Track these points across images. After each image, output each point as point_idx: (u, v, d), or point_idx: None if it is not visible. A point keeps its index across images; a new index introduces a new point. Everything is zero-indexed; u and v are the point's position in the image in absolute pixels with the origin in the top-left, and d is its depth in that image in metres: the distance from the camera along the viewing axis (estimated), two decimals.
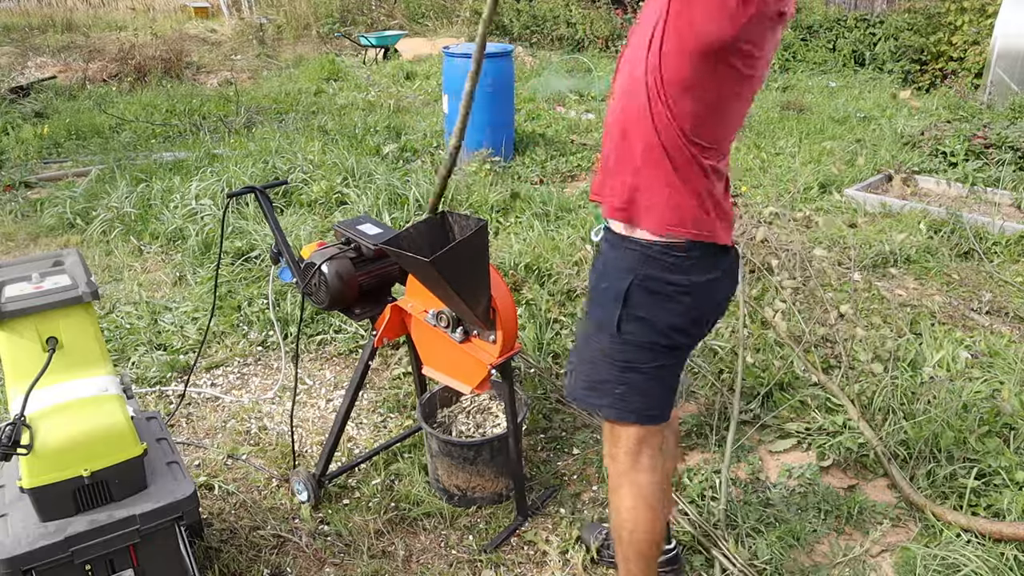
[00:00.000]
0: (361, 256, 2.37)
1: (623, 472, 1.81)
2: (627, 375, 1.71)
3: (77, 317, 1.88)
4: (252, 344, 3.59)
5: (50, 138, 6.92)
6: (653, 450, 1.81)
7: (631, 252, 1.65)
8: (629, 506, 1.81)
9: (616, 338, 1.68)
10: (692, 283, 1.64)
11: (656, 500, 1.83)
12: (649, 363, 1.70)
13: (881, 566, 2.29)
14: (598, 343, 1.73)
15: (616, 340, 1.68)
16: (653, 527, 1.85)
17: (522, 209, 4.99)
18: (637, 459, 1.79)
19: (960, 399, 2.79)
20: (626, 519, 1.82)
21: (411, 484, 2.63)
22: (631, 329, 1.66)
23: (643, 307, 1.64)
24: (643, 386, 1.72)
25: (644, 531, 1.83)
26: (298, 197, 5.15)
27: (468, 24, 12.75)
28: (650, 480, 1.81)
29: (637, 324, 1.66)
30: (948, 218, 4.73)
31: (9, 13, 14.31)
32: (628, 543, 1.85)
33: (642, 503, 1.80)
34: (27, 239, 4.92)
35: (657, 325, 1.66)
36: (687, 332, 1.72)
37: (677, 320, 1.66)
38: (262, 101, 8.39)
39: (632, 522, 1.82)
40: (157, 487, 1.91)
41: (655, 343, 1.67)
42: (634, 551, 1.86)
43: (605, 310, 1.68)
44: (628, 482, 1.80)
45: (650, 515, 1.82)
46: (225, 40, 12.98)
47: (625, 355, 1.69)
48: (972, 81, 8.47)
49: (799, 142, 6.64)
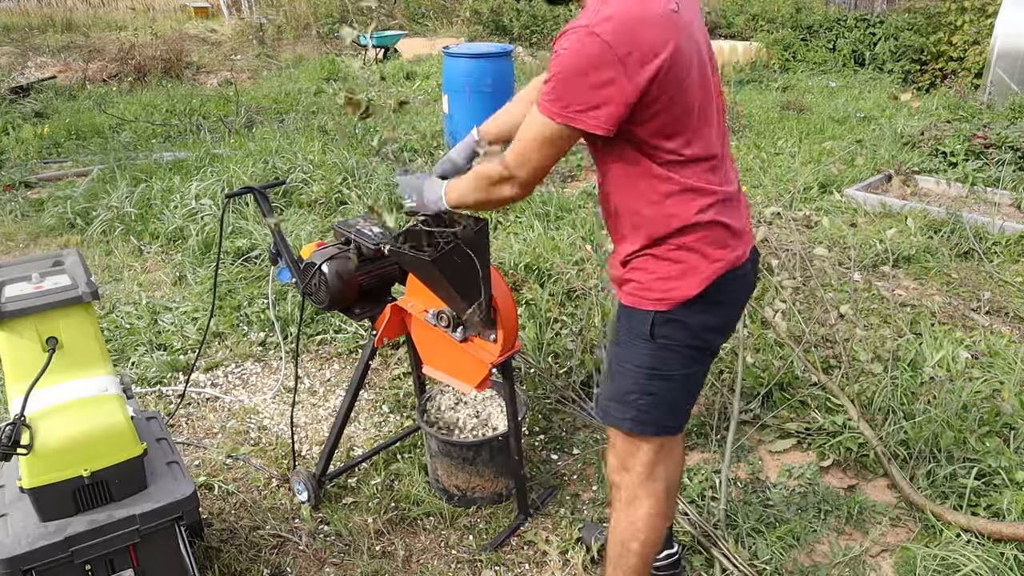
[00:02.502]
0: (361, 256, 2.36)
1: (640, 484, 1.80)
2: (653, 383, 1.70)
3: (77, 317, 1.88)
4: (252, 344, 3.58)
5: (50, 138, 6.92)
6: (667, 459, 1.83)
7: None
8: (645, 516, 1.81)
9: (649, 343, 1.68)
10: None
11: (670, 507, 1.84)
12: (679, 369, 1.70)
13: (881, 566, 2.29)
14: (627, 353, 1.73)
15: (648, 345, 1.68)
16: (661, 535, 1.87)
17: (522, 209, 4.99)
18: (654, 470, 1.79)
19: (960, 399, 2.78)
20: (640, 529, 1.81)
21: (411, 484, 2.63)
22: (665, 332, 1.66)
23: (678, 311, 1.65)
24: (668, 396, 1.73)
25: (655, 540, 1.85)
26: (298, 197, 5.16)
27: (468, 24, 12.75)
28: (665, 489, 1.82)
29: (671, 327, 1.66)
30: (948, 218, 4.73)
31: (9, 13, 14.30)
32: (639, 554, 1.84)
33: (657, 512, 1.81)
34: (27, 239, 4.92)
35: (692, 325, 1.66)
36: (721, 331, 1.76)
37: (711, 320, 1.68)
38: (262, 101, 8.40)
39: (647, 531, 1.82)
40: (157, 487, 1.91)
41: (687, 345, 1.68)
42: (644, 561, 1.86)
43: (638, 317, 1.68)
44: (646, 493, 1.80)
45: (662, 523, 1.84)
46: (225, 40, 12.98)
47: (655, 361, 1.69)
48: (972, 81, 8.47)
49: (799, 142, 6.64)
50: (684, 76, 1.51)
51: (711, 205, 1.61)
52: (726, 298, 1.69)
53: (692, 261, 1.62)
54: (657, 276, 1.64)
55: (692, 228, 1.60)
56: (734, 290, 1.71)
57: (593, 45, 1.43)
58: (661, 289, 1.64)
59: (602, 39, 1.42)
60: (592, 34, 1.43)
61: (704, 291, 1.62)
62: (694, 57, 1.54)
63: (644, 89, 1.46)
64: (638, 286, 1.67)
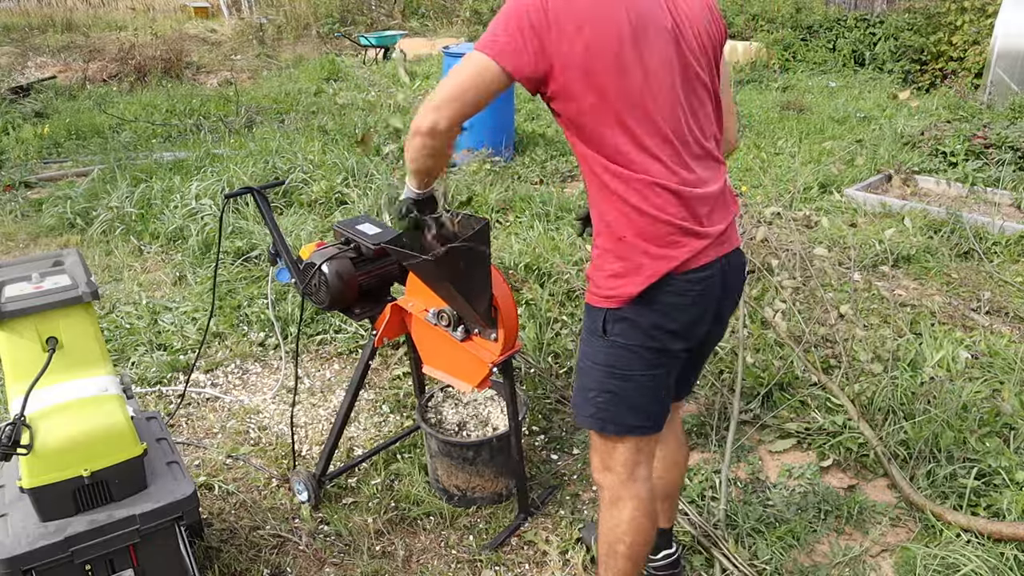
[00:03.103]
0: (361, 256, 2.36)
1: (621, 484, 1.77)
2: (612, 381, 1.67)
3: (77, 317, 1.88)
4: (252, 344, 3.58)
5: (50, 138, 6.92)
6: (649, 460, 1.80)
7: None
8: (628, 518, 1.78)
9: (603, 340, 1.66)
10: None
11: (654, 508, 1.81)
12: (638, 369, 1.66)
13: (881, 566, 2.29)
14: (588, 350, 1.71)
15: (603, 343, 1.66)
16: (650, 536, 1.84)
17: (522, 209, 4.99)
18: (634, 471, 1.76)
19: (960, 399, 2.78)
20: (625, 531, 1.79)
21: (411, 484, 2.63)
22: (617, 331, 1.64)
23: (627, 310, 1.62)
24: (627, 395, 1.69)
25: (643, 542, 1.82)
26: (298, 197, 5.16)
27: (468, 24, 12.75)
28: (648, 489, 1.79)
29: (622, 325, 1.63)
30: (948, 218, 4.73)
31: (9, 13, 14.31)
32: (625, 556, 1.81)
33: (641, 514, 1.78)
34: (27, 239, 4.92)
35: (642, 324, 1.62)
36: (679, 334, 1.65)
37: (663, 321, 1.62)
38: (262, 101, 8.40)
39: (632, 533, 1.79)
40: (157, 487, 1.91)
41: (641, 345, 1.63)
42: (632, 562, 1.83)
43: (592, 314, 1.67)
44: (628, 495, 1.77)
45: (649, 524, 1.81)
46: (225, 40, 12.99)
47: (611, 359, 1.66)
48: (972, 81, 8.47)
49: (799, 142, 6.64)
50: (625, 54, 1.47)
51: (661, 200, 1.54)
52: (681, 300, 1.60)
53: (635, 259, 1.57)
54: (606, 273, 1.61)
55: (638, 224, 1.56)
56: (693, 292, 1.61)
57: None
58: (608, 287, 1.61)
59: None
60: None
61: (647, 290, 1.57)
62: (652, 33, 1.50)
63: (566, 58, 1.46)
64: (592, 284, 1.66)
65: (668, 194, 1.55)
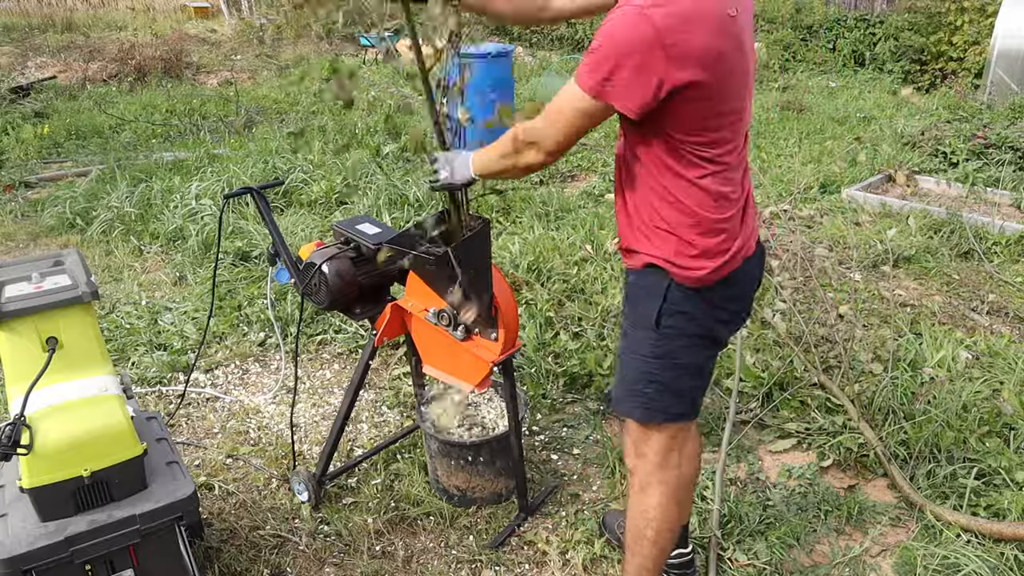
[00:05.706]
0: (361, 256, 2.36)
1: (652, 471, 1.81)
2: (664, 373, 1.71)
3: (77, 317, 1.88)
4: (252, 344, 3.58)
5: (50, 138, 6.92)
6: (682, 447, 1.83)
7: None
8: (657, 504, 1.81)
9: (654, 332, 1.68)
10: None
11: (683, 496, 1.85)
12: (685, 358, 1.70)
13: (881, 566, 2.29)
14: (634, 343, 1.73)
15: (654, 335, 1.68)
16: (676, 524, 1.88)
17: (522, 209, 4.99)
18: (667, 457, 1.80)
19: (960, 399, 2.78)
20: (653, 517, 1.82)
21: (411, 484, 2.62)
22: (671, 323, 1.67)
23: (683, 302, 1.65)
24: (675, 384, 1.72)
25: (670, 528, 1.85)
26: (298, 197, 5.16)
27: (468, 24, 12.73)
28: (678, 476, 1.82)
29: (677, 318, 1.66)
30: (948, 218, 4.73)
31: (9, 13, 14.29)
32: (653, 541, 1.85)
33: (671, 501, 1.81)
34: (27, 239, 4.92)
35: (698, 315, 1.67)
36: (726, 323, 1.75)
37: (716, 310, 1.69)
38: (262, 101, 8.39)
39: (659, 520, 1.83)
40: (157, 487, 1.91)
41: (696, 334, 1.69)
42: (658, 548, 1.87)
43: (645, 306, 1.69)
44: (658, 481, 1.81)
45: (676, 511, 1.84)
46: (225, 40, 12.97)
47: (660, 349, 1.69)
48: (972, 81, 8.47)
49: (799, 142, 6.64)
50: (723, 84, 1.50)
51: (731, 187, 1.63)
52: (734, 290, 1.71)
53: (726, 244, 1.64)
54: (692, 252, 1.65)
55: (725, 209, 1.63)
56: (745, 279, 1.74)
57: (641, 26, 1.40)
58: (694, 265, 1.65)
59: (652, 22, 1.40)
60: (643, 15, 1.41)
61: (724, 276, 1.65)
62: (737, 66, 1.54)
63: (679, 87, 1.45)
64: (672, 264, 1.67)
65: (736, 180, 1.65)
